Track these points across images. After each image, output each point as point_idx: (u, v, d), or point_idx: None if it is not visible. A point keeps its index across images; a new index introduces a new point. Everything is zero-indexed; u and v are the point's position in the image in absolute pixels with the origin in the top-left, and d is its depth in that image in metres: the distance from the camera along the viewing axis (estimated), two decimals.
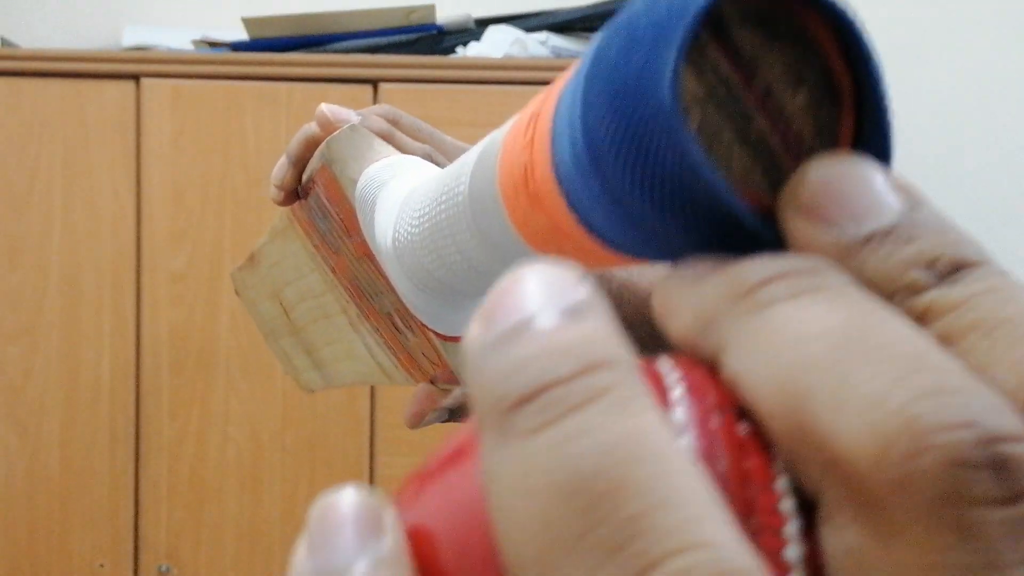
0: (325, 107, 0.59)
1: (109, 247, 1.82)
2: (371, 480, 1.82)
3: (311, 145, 0.61)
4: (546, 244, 0.27)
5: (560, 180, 0.23)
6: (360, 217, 0.51)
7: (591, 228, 0.23)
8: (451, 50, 1.89)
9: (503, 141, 0.29)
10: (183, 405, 1.82)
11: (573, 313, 0.16)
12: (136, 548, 1.83)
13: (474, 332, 0.17)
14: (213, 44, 1.92)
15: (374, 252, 0.51)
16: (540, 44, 1.86)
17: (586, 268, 0.25)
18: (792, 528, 0.16)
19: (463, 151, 0.60)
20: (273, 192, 0.62)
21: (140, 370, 1.83)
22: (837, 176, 0.19)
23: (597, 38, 0.21)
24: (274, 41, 1.86)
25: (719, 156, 0.20)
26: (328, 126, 0.59)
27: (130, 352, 1.82)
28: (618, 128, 0.19)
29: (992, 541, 0.15)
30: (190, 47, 1.93)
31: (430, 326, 0.51)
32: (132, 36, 1.96)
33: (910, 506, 0.15)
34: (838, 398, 0.16)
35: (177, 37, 1.95)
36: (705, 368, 0.18)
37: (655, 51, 0.19)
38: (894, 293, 0.18)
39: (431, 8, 1.88)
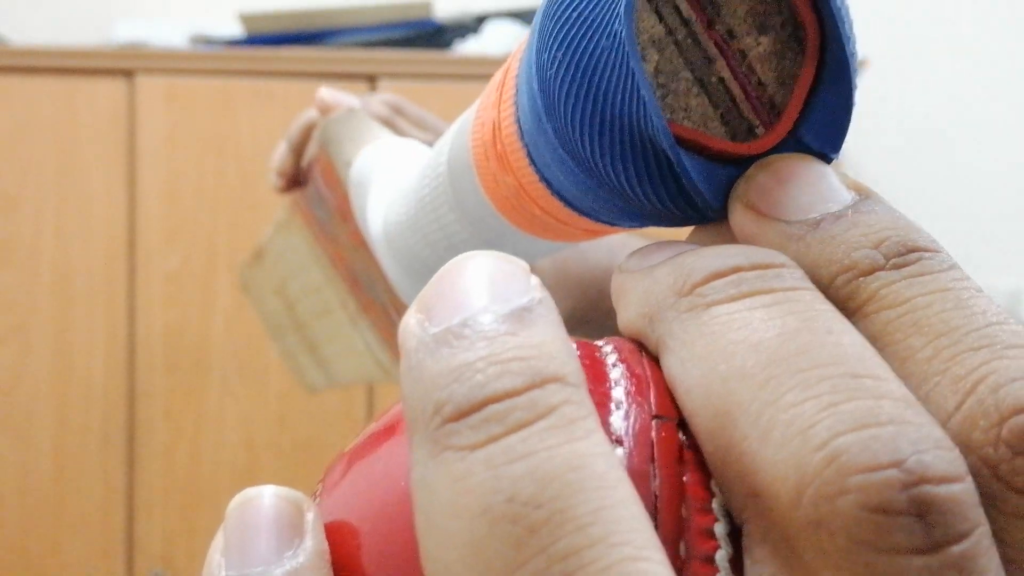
0: (325, 91, 0.58)
1: (102, 246, 1.80)
2: None
3: (310, 131, 0.60)
4: (515, 211, 0.26)
5: (522, 135, 0.22)
6: (353, 202, 0.49)
7: (550, 186, 0.22)
8: (449, 45, 1.88)
9: (476, 108, 0.28)
10: (177, 407, 1.80)
11: (521, 317, 0.16)
12: (129, 552, 1.82)
13: (412, 323, 0.16)
14: (208, 40, 1.90)
15: (366, 238, 0.49)
16: None
17: (553, 237, 0.27)
18: (723, 555, 0.15)
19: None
20: (273, 179, 0.61)
21: (133, 371, 1.81)
22: (788, 170, 0.19)
23: None
24: (269, 37, 1.85)
25: (676, 100, 0.19)
26: (327, 110, 0.58)
27: (123, 353, 1.81)
28: (568, 67, 0.19)
29: None
30: (184, 43, 1.91)
31: None
32: (124, 31, 1.94)
33: (825, 549, 0.14)
34: (763, 423, 0.15)
35: (170, 33, 1.93)
36: (650, 363, 0.17)
37: None
38: (838, 275, 0.17)
39: (428, 3, 1.87)
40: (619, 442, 0.16)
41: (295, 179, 0.60)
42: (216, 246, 1.81)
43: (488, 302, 0.16)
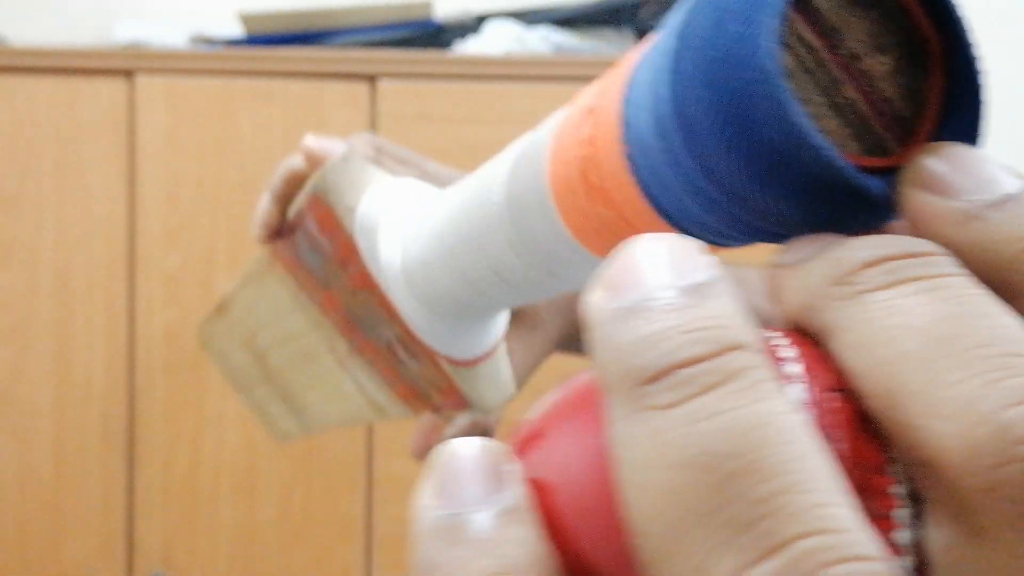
0: (311, 140, 0.58)
1: (102, 246, 1.80)
2: (369, 483, 1.80)
3: (296, 180, 0.59)
4: (604, 240, 0.27)
5: (635, 168, 0.23)
6: (362, 246, 0.50)
7: (666, 214, 0.23)
8: (449, 45, 1.87)
9: (550, 142, 0.29)
10: (177, 407, 1.80)
11: (703, 290, 0.17)
12: (129, 553, 1.81)
13: (598, 298, 0.17)
14: (209, 40, 1.89)
15: (377, 280, 0.50)
16: (541, 40, 1.84)
17: None
18: (903, 513, 0.17)
19: (448, 176, 0.60)
20: (257, 231, 0.60)
21: (134, 371, 1.81)
22: (959, 155, 0.20)
23: (673, 17, 0.21)
24: (270, 37, 1.85)
25: (815, 124, 0.20)
26: (315, 159, 0.57)
27: (123, 353, 1.81)
28: (715, 100, 0.19)
29: None
30: (184, 43, 1.91)
31: (441, 352, 0.50)
32: (124, 31, 1.94)
33: (999, 512, 0.16)
34: (930, 399, 0.16)
35: (170, 33, 1.93)
36: (818, 347, 0.18)
37: (751, 19, 0.19)
38: (1013, 259, 0.18)
39: (428, 3, 1.86)
40: (801, 410, 0.17)
41: (278, 230, 0.60)
42: (216, 246, 1.80)
43: (671, 278, 0.17)
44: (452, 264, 0.40)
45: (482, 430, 0.65)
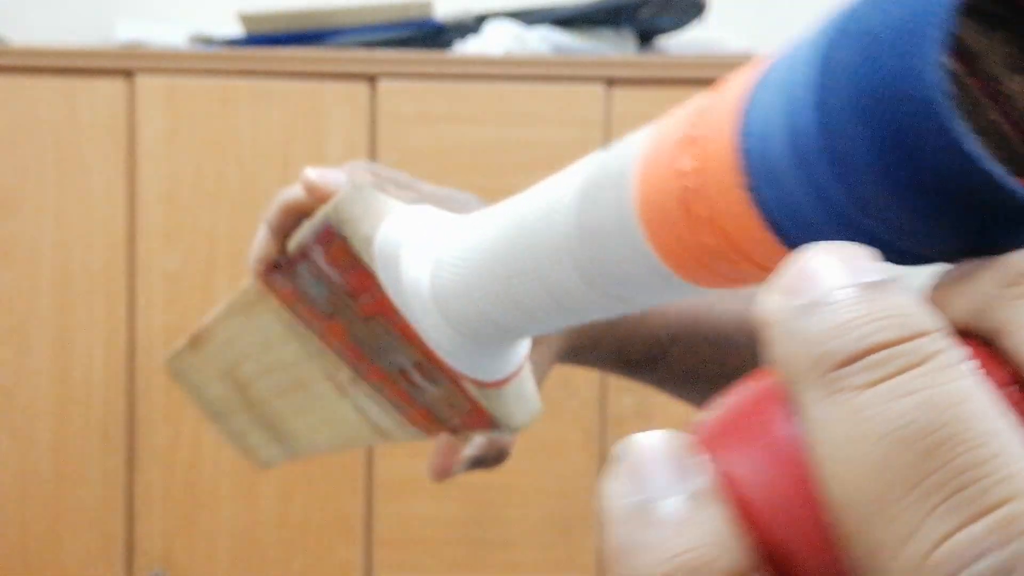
0: (311, 173, 0.57)
1: (102, 246, 1.80)
2: (369, 483, 1.80)
3: (295, 212, 0.58)
4: (704, 267, 0.29)
5: (759, 200, 0.24)
6: (382, 275, 0.50)
7: (794, 243, 0.24)
8: (449, 45, 1.87)
9: (636, 171, 0.30)
10: (177, 408, 1.80)
11: (881, 287, 0.18)
12: (129, 553, 1.81)
13: (775, 302, 0.19)
14: (208, 40, 1.89)
15: (399, 307, 0.50)
16: (540, 40, 1.84)
17: (726, 285, 0.30)
18: None
19: (444, 197, 0.59)
20: (254, 264, 0.59)
21: (133, 372, 1.81)
22: None
23: (798, 46, 0.22)
24: (269, 37, 1.85)
25: None
26: (317, 192, 0.56)
27: (123, 353, 1.80)
28: (876, 136, 0.20)
29: None
30: (184, 43, 1.91)
31: (468, 374, 0.51)
32: (124, 31, 1.94)
33: None
34: None
35: (170, 33, 1.93)
36: (989, 347, 0.20)
37: (910, 51, 0.19)
38: None
39: (428, 3, 1.86)
40: None
41: (275, 263, 0.58)
42: (216, 246, 1.80)
43: (849, 278, 0.18)
44: (499, 289, 0.40)
45: (499, 449, 0.65)
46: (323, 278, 0.55)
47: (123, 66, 1.80)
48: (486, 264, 0.41)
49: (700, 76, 1.84)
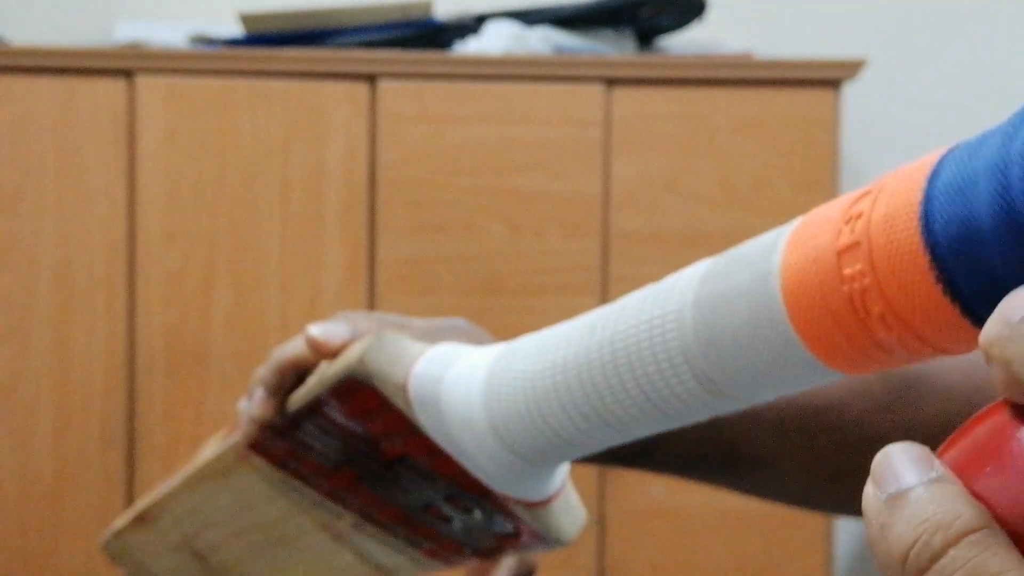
0: (315, 330, 0.56)
1: (102, 246, 1.80)
2: None
3: (295, 370, 0.57)
4: (870, 358, 0.32)
5: (961, 296, 0.28)
6: (420, 417, 0.51)
7: (977, 319, 0.28)
8: (449, 45, 1.87)
9: (786, 279, 0.33)
10: (177, 407, 1.80)
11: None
12: None
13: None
14: (208, 40, 1.89)
15: (441, 444, 0.51)
16: (540, 40, 1.84)
17: (885, 367, 0.33)
18: None
19: (438, 328, 0.60)
20: (249, 428, 0.57)
21: (134, 371, 1.81)
22: None
23: (986, 150, 0.27)
24: (269, 37, 1.84)
25: None
26: (324, 349, 0.55)
27: (123, 353, 1.80)
28: None
29: None
30: (184, 43, 1.91)
31: (517, 496, 0.52)
32: (124, 31, 1.94)
33: None
34: None
35: (170, 33, 1.93)
36: None
37: None
38: None
39: (428, 3, 1.86)
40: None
41: (271, 426, 0.57)
42: (216, 246, 1.80)
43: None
44: (587, 408, 0.42)
45: (529, 566, 0.66)
46: (333, 430, 0.54)
47: (123, 66, 1.80)
48: (568, 385, 0.43)
49: (700, 76, 1.85)
